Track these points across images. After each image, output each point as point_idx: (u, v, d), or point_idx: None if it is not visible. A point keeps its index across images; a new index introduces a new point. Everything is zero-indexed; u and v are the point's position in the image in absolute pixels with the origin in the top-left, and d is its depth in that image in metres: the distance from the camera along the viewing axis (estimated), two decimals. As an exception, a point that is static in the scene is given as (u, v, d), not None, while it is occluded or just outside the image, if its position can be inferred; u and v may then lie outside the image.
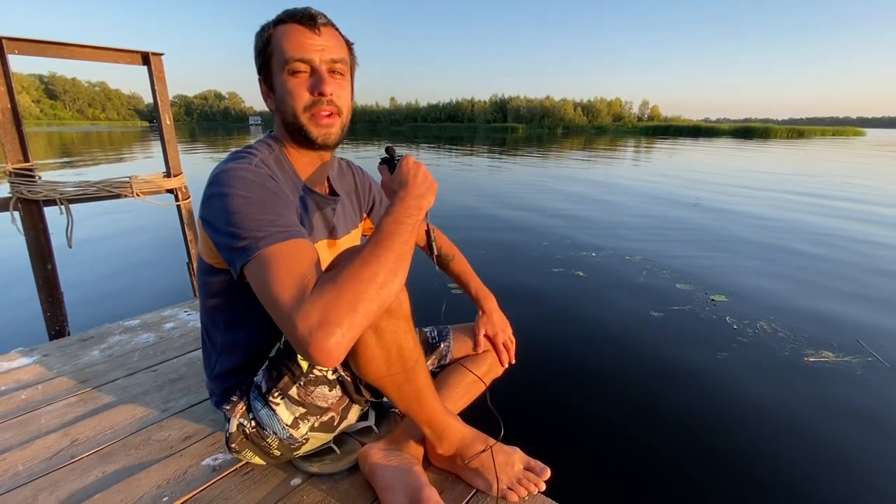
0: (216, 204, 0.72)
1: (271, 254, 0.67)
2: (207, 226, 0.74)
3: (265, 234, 0.68)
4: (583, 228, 4.92)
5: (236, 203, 0.70)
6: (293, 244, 0.69)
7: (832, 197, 7.45)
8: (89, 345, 1.60)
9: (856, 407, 1.86)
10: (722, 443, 1.65)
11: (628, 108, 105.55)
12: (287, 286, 0.64)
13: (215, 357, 0.97)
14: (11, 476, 0.99)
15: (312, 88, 0.81)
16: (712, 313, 2.72)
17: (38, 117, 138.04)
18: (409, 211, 0.75)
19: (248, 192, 0.72)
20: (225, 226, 0.70)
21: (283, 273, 0.65)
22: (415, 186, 0.79)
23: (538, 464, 0.98)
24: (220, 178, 0.74)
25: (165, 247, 4.01)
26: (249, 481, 0.97)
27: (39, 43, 1.70)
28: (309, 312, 0.62)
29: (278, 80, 0.82)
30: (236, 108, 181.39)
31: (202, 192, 0.76)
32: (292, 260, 0.67)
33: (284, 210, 0.74)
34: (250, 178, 0.74)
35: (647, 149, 23.08)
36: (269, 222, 0.69)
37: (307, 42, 0.79)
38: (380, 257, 0.68)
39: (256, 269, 0.67)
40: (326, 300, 0.63)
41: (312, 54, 0.80)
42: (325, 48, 0.81)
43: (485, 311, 1.19)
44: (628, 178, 10.04)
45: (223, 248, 0.72)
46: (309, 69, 0.81)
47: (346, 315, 0.63)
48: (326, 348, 0.61)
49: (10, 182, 1.68)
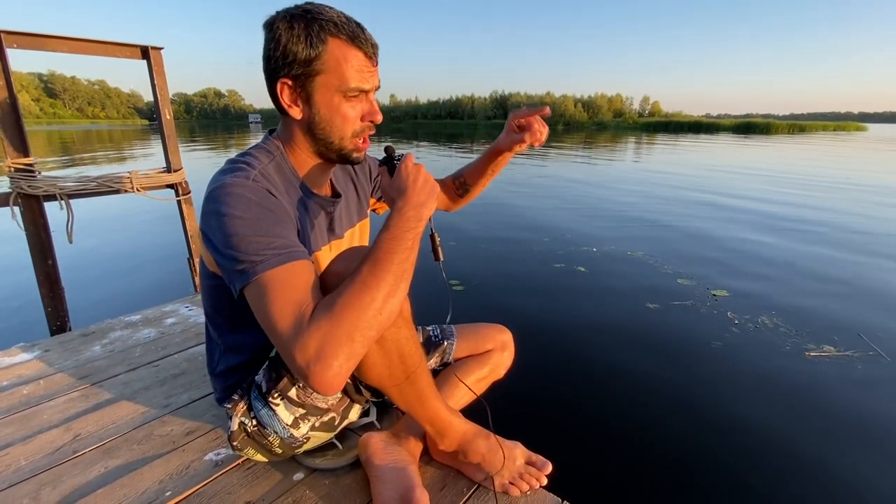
0: (214, 223, 0.70)
1: (268, 280, 0.66)
2: (207, 241, 0.73)
3: (262, 259, 0.67)
4: (584, 224, 4.91)
5: (233, 225, 0.69)
6: (290, 268, 0.68)
7: (833, 189, 7.43)
8: (91, 340, 1.60)
9: (857, 400, 1.86)
10: (723, 436, 1.64)
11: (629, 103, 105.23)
12: (284, 315, 0.64)
13: (218, 355, 0.96)
14: (14, 471, 0.99)
15: (367, 117, 0.81)
16: (713, 308, 2.72)
17: (37, 116, 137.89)
18: (408, 224, 0.73)
19: (244, 212, 0.69)
20: (223, 247, 0.69)
21: (279, 301, 0.65)
22: (414, 194, 0.76)
23: (540, 458, 0.98)
24: (217, 195, 0.71)
25: (166, 242, 4.01)
26: (252, 476, 0.97)
27: (38, 37, 1.70)
28: (306, 345, 0.62)
29: (326, 98, 0.78)
30: (236, 105, 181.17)
31: (203, 192, 0.75)
32: (288, 286, 0.66)
33: (281, 229, 0.72)
34: (247, 195, 0.71)
35: (647, 144, 23.03)
36: (265, 245, 0.68)
37: (367, 71, 0.78)
38: (378, 278, 0.67)
39: (254, 294, 0.67)
40: (323, 332, 0.62)
41: (371, 81, 0.79)
42: (376, 76, 0.81)
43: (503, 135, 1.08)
44: (629, 172, 10.02)
45: (222, 268, 0.72)
46: (362, 96, 0.80)
47: (343, 346, 0.63)
48: (325, 381, 0.62)
49: (10, 177, 1.67)
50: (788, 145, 23.71)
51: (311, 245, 0.88)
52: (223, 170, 0.78)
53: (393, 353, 0.79)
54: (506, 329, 1.19)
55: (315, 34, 0.74)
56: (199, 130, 43.15)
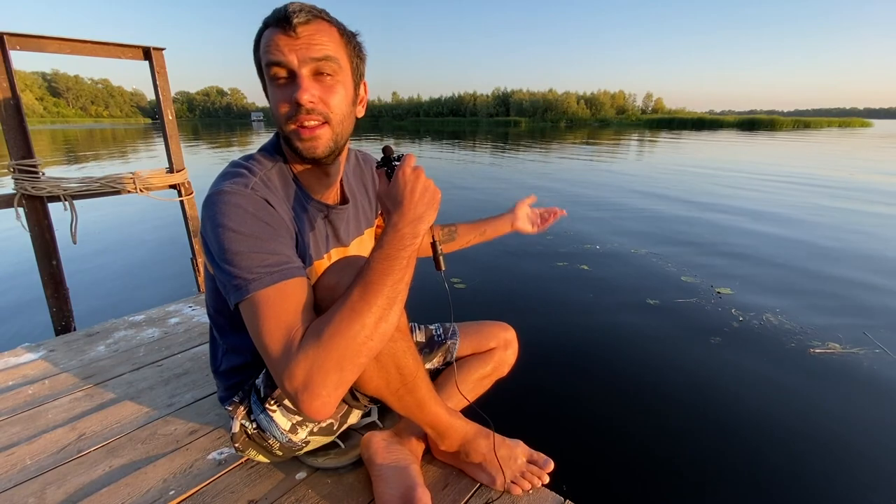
0: (210, 233, 0.69)
1: (260, 299, 0.65)
2: (205, 248, 0.72)
3: (255, 277, 0.66)
4: (587, 221, 4.89)
5: (227, 239, 0.67)
6: (283, 287, 0.66)
7: (839, 187, 7.38)
8: (95, 340, 1.61)
9: (862, 397, 1.85)
10: (725, 434, 1.64)
11: (632, 100, 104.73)
12: (274, 339, 0.64)
13: (221, 354, 0.97)
14: (20, 470, 1.00)
15: (289, 97, 0.71)
16: (718, 306, 2.71)
17: (41, 115, 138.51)
18: (404, 242, 0.68)
19: (239, 225, 0.67)
20: (219, 261, 0.68)
21: (270, 323, 0.64)
22: (411, 206, 0.70)
23: (542, 456, 0.98)
24: (214, 202, 0.69)
25: (169, 242, 4.03)
26: (255, 475, 0.98)
27: (40, 38, 1.70)
28: (294, 374, 0.62)
29: (266, 87, 0.75)
30: (238, 103, 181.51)
31: (204, 189, 0.75)
32: (280, 308, 0.65)
33: (277, 245, 0.70)
34: (244, 206, 0.69)
35: (651, 141, 22.92)
36: (258, 262, 0.67)
37: (282, 43, 0.70)
38: (368, 303, 0.64)
39: (247, 312, 0.67)
40: (310, 361, 0.62)
41: (289, 55, 0.69)
42: (304, 48, 0.70)
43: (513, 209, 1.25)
44: (632, 170, 9.97)
45: (218, 280, 0.71)
46: (286, 73, 0.71)
47: (331, 375, 0.62)
48: (314, 409, 0.62)
49: (14, 178, 1.68)
50: (793, 142, 23.55)
51: (312, 254, 0.85)
52: (224, 173, 0.76)
53: (390, 367, 0.78)
54: (509, 327, 1.18)
55: (260, 29, 0.74)
56: (201, 129, 43.24)
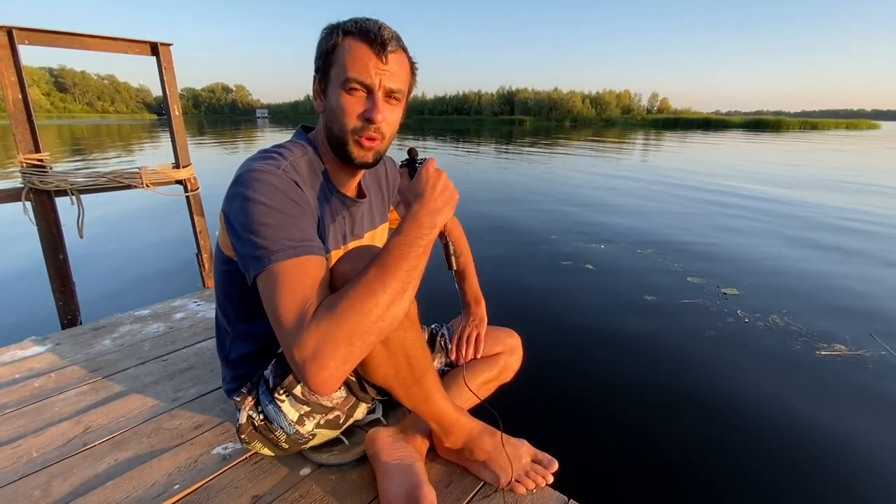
0: (237, 205, 0.72)
1: (280, 270, 0.67)
2: (228, 224, 0.74)
3: (279, 248, 0.68)
4: (592, 221, 4.88)
5: (256, 210, 0.70)
6: (303, 262, 0.69)
7: (846, 190, 7.32)
8: (101, 334, 1.62)
9: (868, 400, 1.83)
10: (730, 436, 1.63)
11: (637, 100, 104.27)
12: (289, 309, 0.65)
13: (230, 343, 0.97)
14: (26, 462, 1.00)
15: (364, 114, 0.79)
16: (724, 306, 2.69)
17: (48, 110, 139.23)
18: (422, 230, 0.72)
19: (269, 199, 0.71)
20: (243, 231, 0.70)
21: (288, 294, 0.66)
22: (431, 199, 0.75)
23: (546, 456, 0.98)
24: (244, 179, 0.73)
25: (175, 238, 4.04)
26: (259, 470, 0.98)
27: (50, 33, 1.70)
28: (304, 343, 0.63)
29: (333, 91, 0.80)
30: (243, 100, 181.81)
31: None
32: (298, 280, 0.67)
33: (302, 222, 0.73)
34: (274, 183, 0.73)
35: (656, 141, 22.81)
36: (284, 235, 0.69)
37: (371, 66, 0.76)
38: (383, 284, 0.66)
39: (265, 283, 0.68)
40: (322, 332, 0.63)
41: (375, 78, 0.77)
42: (388, 75, 0.78)
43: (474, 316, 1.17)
44: (637, 169, 9.93)
45: (238, 253, 0.73)
46: (365, 91, 0.78)
47: (340, 348, 0.63)
48: (320, 381, 0.63)
49: (22, 172, 1.69)
50: (800, 143, 23.38)
51: (329, 242, 0.89)
52: (254, 157, 0.79)
53: (399, 355, 0.79)
54: (515, 333, 1.19)
55: (336, 32, 0.79)
56: (207, 126, 43.38)
